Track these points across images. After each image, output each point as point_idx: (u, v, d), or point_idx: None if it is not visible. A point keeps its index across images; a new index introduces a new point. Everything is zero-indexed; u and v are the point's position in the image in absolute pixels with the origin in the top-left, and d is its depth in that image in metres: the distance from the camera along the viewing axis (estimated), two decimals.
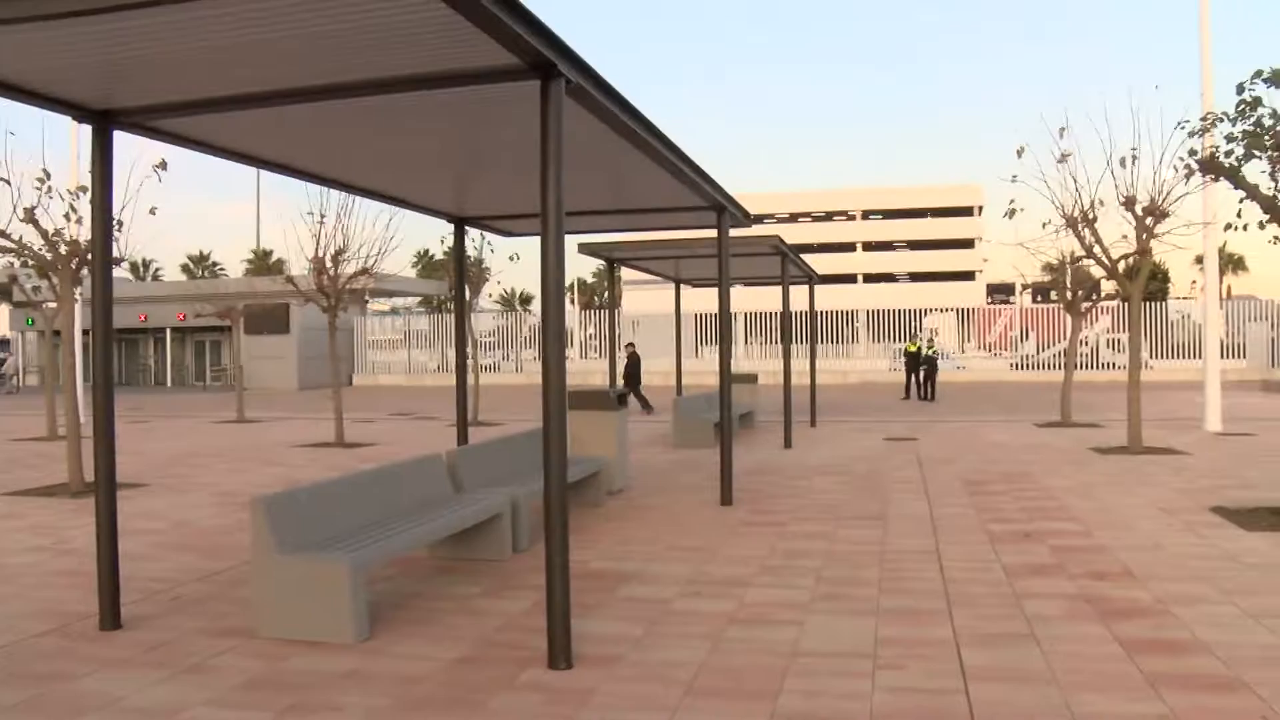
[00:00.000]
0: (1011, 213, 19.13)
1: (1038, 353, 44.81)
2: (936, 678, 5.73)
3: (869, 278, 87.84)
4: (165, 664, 6.23)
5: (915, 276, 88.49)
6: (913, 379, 31.72)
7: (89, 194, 7.45)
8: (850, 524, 10.38)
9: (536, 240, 6.25)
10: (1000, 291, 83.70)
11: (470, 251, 24.08)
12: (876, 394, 34.25)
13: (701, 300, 29.51)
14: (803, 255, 20.23)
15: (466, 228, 12.97)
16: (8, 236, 14.74)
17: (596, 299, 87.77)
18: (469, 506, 8.57)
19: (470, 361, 22.36)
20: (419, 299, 69.10)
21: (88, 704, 5.56)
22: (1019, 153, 17.72)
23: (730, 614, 7.10)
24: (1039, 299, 59.57)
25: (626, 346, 29.13)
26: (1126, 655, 6.03)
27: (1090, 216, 17.64)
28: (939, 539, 9.55)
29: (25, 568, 9.08)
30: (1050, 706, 5.24)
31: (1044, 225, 19.05)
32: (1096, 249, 17.65)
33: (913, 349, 31.80)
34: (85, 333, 21.91)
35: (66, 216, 15.44)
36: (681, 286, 24.43)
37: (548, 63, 5.81)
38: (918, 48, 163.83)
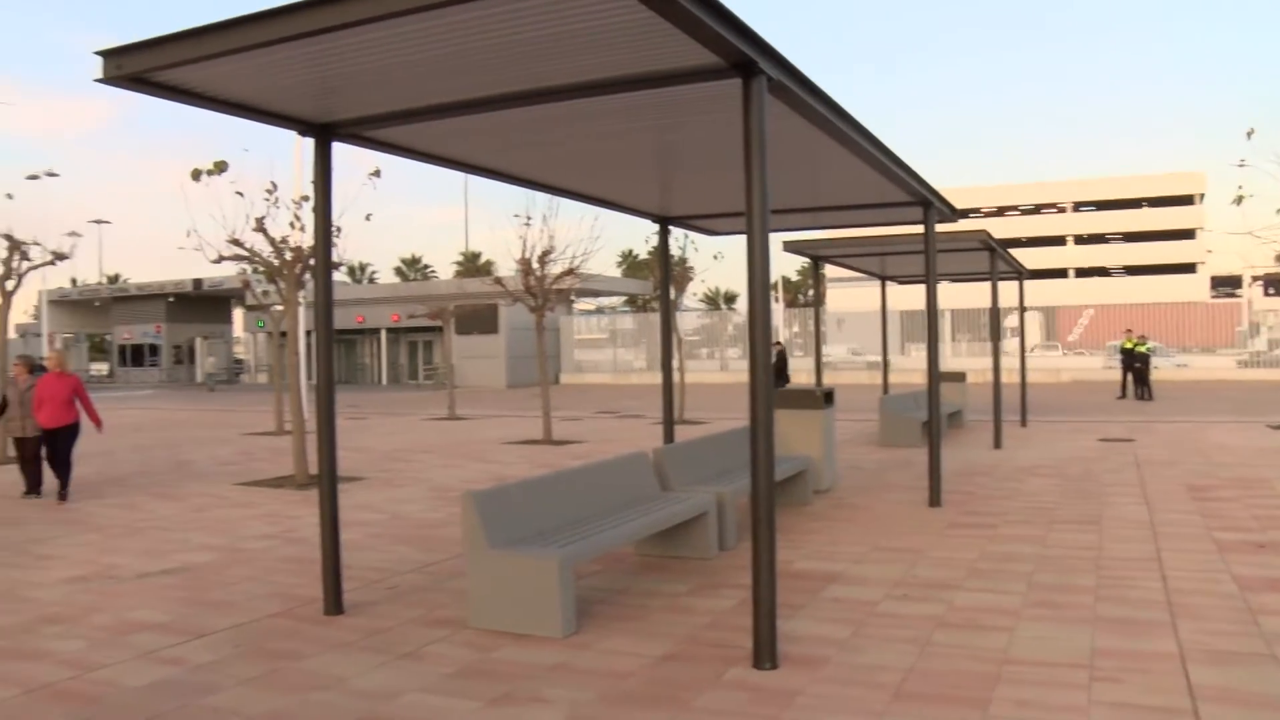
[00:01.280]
0: (1240, 199, 18.12)
1: (1270, 349, 42.12)
2: (1160, 694, 5.42)
3: (1081, 272, 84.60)
4: (383, 650, 6.50)
5: (1131, 270, 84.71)
6: (1128, 377, 30.27)
7: (311, 202, 7.82)
8: (1063, 528, 10.00)
9: (740, 239, 6.22)
10: (1226, 284, 79.27)
11: (674, 251, 24.24)
12: (1090, 392, 32.90)
13: (907, 297, 28.99)
14: (1010, 250, 19.62)
15: (671, 227, 13.06)
16: (241, 245, 15.61)
17: (801, 297, 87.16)
18: (675, 504, 8.63)
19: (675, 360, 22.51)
20: (624, 298, 70.00)
21: (315, 683, 5.88)
22: (1249, 135, 16.74)
23: (939, 618, 6.94)
24: (1271, 291, 56.18)
25: (774, 344, 28.87)
26: None
27: None
28: (1160, 546, 9.09)
29: (259, 553, 9.63)
30: None
31: (1278, 211, 17.89)
32: None
33: (1128, 345, 30.29)
34: (309, 334, 23.14)
35: (291, 224, 16.25)
36: (887, 283, 24.01)
37: (749, 61, 5.79)
38: (1130, 28, 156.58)
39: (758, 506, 6.09)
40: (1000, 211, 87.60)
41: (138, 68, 5.81)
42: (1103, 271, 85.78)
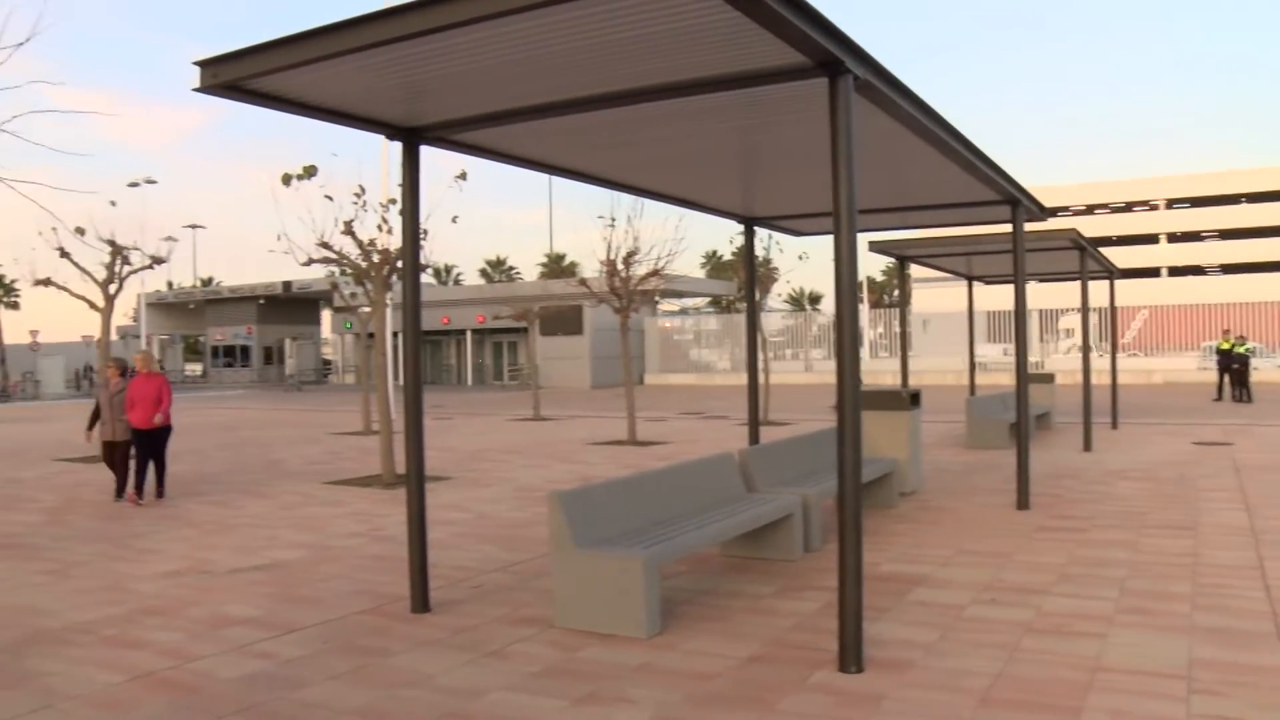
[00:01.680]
0: None
1: None
2: (1267, 710, 5.18)
3: (1174, 271, 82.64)
4: (469, 648, 6.57)
5: (1227, 269, 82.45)
6: (1224, 378, 29.41)
7: (398, 205, 7.93)
8: (1157, 533, 9.78)
9: (824, 239, 6.20)
10: None
11: (759, 251, 24.18)
12: (1184, 394, 32.09)
13: (992, 297, 28.56)
14: (1100, 249, 19.23)
15: (756, 228, 13.02)
16: (330, 247, 15.87)
17: (886, 297, 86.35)
18: (761, 505, 8.61)
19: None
20: (708, 299, 69.95)
21: (402, 679, 5.96)
22: None
23: (1027, 623, 6.83)
24: None
25: None
26: None
27: None
28: (1262, 553, 8.81)
29: (347, 551, 9.79)
30: None
31: None
32: None
33: (1225, 346, 29.44)
34: (395, 335, 23.44)
35: (379, 227, 16.49)
36: (973, 283, 23.70)
37: (835, 60, 5.76)
38: (1226, 13, 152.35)
39: (844, 509, 6.05)
40: (1089, 210, 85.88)
41: (233, 76, 5.96)
42: (1197, 270, 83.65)
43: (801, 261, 46.22)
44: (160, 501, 13.10)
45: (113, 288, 19.69)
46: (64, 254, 19.58)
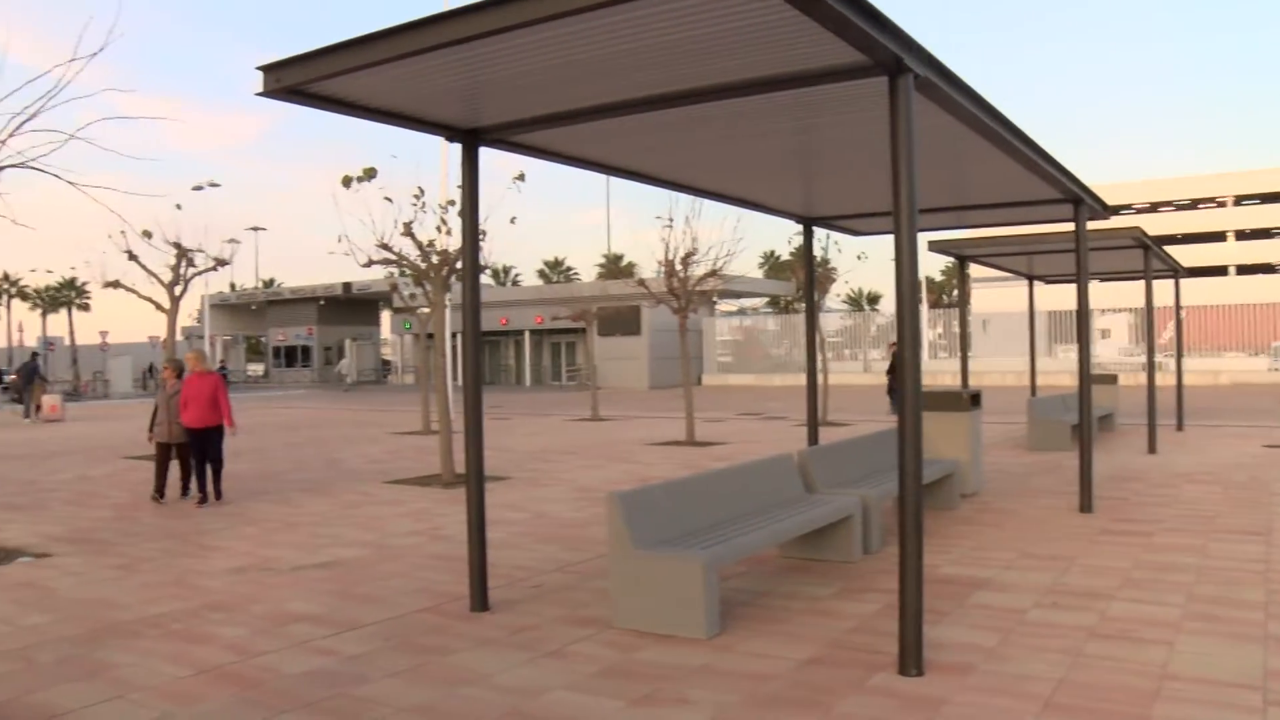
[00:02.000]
0: None
1: None
2: None
3: (1242, 269, 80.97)
4: (528, 647, 6.60)
5: None
6: None
7: (457, 207, 7.97)
8: (1226, 538, 9.59)
9: (883, 238, 6.15)
10: None
11: (817, 251, 24.08)
12: (1253, 396, 31.49)
13: (1052, 297, 28.15)
14: (1165, 247, 18.92)
15: (814, 228, 12.96)
16: (389, 249, 16.01)
17: (945, 297, 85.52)
18: (820, 507, 8.56)
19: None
20: (766, 299, 69.74)
21: (462, 677, 6.00)
22: None
23: (1090, 628, 6.73)
24: None
25: (890, 345, 28.39)
26: None
27: None
28: None
29: (407, 549, 9.88)
30: None
31: None
32: None
33: None
34: (454, 335, 23.60)
35: (438, 229, 16.61)
36: (1034, 283, 23.41)
37: (895, 58, 5.72)
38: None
39: (905, 510, 6.00)
40: (1153, 207, 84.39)
41: (295, 80, 6.03)
42: (1268, 269, 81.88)
43: (860, 261, 45.99)
44: (220, 502, 13.23)
45: (178, 289, 20.06)
46: (132, 256, 19.99)
